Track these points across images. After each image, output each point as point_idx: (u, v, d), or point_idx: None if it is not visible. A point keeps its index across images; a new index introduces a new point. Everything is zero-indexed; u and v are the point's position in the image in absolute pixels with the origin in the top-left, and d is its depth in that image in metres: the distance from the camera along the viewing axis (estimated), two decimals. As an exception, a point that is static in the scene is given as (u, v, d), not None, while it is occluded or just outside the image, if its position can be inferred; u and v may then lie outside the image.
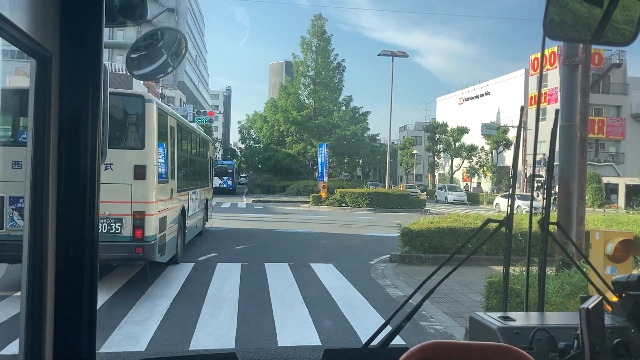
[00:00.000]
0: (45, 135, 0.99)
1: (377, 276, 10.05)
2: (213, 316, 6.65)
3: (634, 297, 1.52)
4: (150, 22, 50.06)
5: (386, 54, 37.28)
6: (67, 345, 1.03)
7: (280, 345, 5.62)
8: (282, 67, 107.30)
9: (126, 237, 7.87)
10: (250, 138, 57.77)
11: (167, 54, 1.68)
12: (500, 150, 51.10)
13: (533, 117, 1.94)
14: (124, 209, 7.85)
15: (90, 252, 1.04)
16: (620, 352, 1.46)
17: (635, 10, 1.39)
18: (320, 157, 36.59)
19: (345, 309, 7.26)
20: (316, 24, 49.11)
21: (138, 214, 7.92)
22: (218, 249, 12.42)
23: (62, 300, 1.03)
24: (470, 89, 62.88)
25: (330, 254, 12.50)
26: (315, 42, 48.96)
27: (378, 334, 1.61)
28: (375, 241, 15.39)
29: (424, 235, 11.72)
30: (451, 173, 57.40)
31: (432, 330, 6.50)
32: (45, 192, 1.00)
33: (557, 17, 1.43)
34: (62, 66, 1.01)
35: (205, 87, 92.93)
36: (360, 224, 20.96)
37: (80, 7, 1.02)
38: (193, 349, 5.44)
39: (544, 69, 40.11)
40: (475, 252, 3.59)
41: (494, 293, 6.22)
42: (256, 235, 15.74)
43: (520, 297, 5.31)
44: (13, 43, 0.92)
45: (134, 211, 7.89)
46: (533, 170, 3.42)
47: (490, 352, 0.97)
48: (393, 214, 26.56)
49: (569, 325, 1.55)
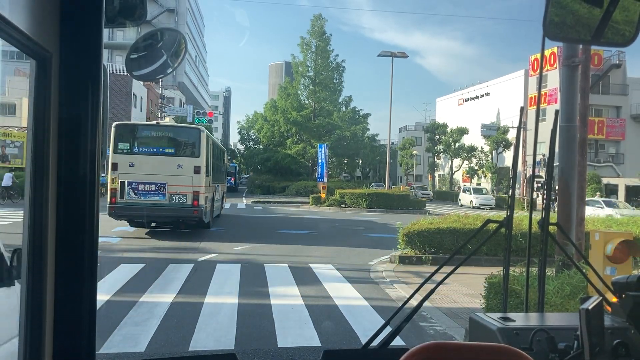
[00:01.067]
0: (45, 136, 0.99)
1: (377, 277, 10.05)
2: (213, 317, 6.65)
3: (634, 297, 1.52)
4: (149, 22, 50.09)
5: (386, 55, 37.30)
6: (67, 346, 1.03)
7: (280, 346, 5.62)
8: (282, 68, 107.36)
9: (188, 205, 14.25)
10: (249, 139, 57.76)
11: (166, 55, 1.68)
12: (500, 151, 51.10)
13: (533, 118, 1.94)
14: (188, 190, 14.22)
15: (90, 253, 1.04)
16: (620, 352, 1.46)
17: (634, 11, 1.39)
18: (320, 158, 36.59)
19: (345, 309, 7.26)
20: (316, 24, 49.11)
21: (195, 192, 14.26)
22: (217, 250, 12.42)
23: (61, 300, 1.03)
24: (470, 89, 62.89)
25: (329, 255, 12.51)
26: (315, 43, 48.94)
27: (378, 334, 1.61)
28: (375, 241, 15.40)
29: (424, 236, 11.72)
30: (451, 174, 57.40)
31: (432, 331, 6.50)
32: (45, 192, 1.00)
33: (556, 18, 1.43)
34: (62, 67, 1.01)
35: (205, 88, 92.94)
36: (360, 225, 20.97)
37: (80, 8, 1.02)
38: (193, 349, 5.44)
39: (543, 70, 40.10)
40: (475, 253, 3.59)
41: (493, 294, 6.22)
42: (255, 236, 15.74)
43: (520, 297, 5.31)
44: (13, 44, 0.92)
45: (193, 191, 14.23)
46: (533, 171, 3.41)
47: (490, 352, 0.97)
48: (393, 215, 26.57)
49: (568, 326, 1.55)
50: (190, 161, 14.41)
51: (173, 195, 14.10)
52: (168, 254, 11.66)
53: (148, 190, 14.15)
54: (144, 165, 14.12)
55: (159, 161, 14.32)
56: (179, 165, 14.27)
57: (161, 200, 14.12)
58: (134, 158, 14.17)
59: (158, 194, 14.13)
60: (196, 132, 15.00)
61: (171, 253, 11.88)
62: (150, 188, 14.14)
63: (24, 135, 30.66)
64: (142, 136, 14.85)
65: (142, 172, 14.11)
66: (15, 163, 31.81)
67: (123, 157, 14.09)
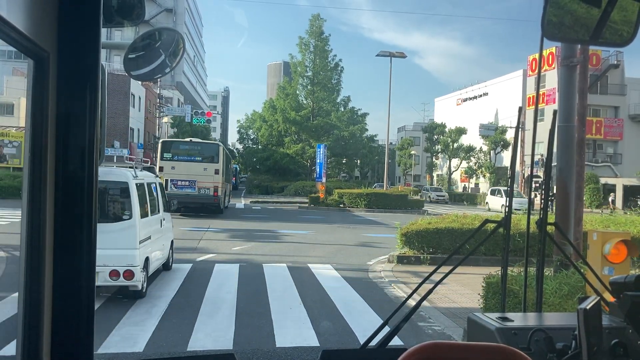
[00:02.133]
0: (42, 136, 0.99)
1: (375, 277, 10.06)
2: (211, 317, 6.65)
3: (632, 297, 1.52)
4: (148, 22, 50.00)
5: (384, 55, 37.30)
6: (65, 346, 1.03)
7: (279, 346, 5.62)
8: (281, 68, 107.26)
9: (211, 195, 20.95)
10: (248, 138, 57.73)
11: (165, 55, 1.68)
12: (498, 151, 51.14)
13: (531, 118, 1.95)
14: (210, 185, 20.89)
15: (88, 253, 1.04)
16: (617, 352, 1.46)
17: (632, 11, 1.39)
18: (319, 158, 36.54)
19: (344, 309, 7.26)
20: (314, 24, 49.07)
21: (215, 186, 20.98)
22: (216, 250, 12.42)
23: (59, 301, 1.02)
24: (468, 89, 62.93)
25: (328, 255, 12.51)
26: (314, 43, 48.90)
27: (376, 334, 1.61)
28: (373, 242, 15.41)
29: (422, 236, 11.73)
30: (449, 174, 57.43)
31: (430, 330, 6.50)
32: (42, 193, 1.00)
33: (555, 18, 1.43)
34: (60, 66, 1.01)
35: (203, 88, 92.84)
36: (359, 225, 20.97)
37: (78, 7, 1.02)
38: (191, 349, 5.43)
39: (542, 70, 40.20)
40: (473, 253, 3.60)
41: (492, 294, 6.22)
42: (254, 236, 15.74)
43: (518, 297, 5.32)
44: (10, 43, 0.91)
45: (214, 185, 20.92)
46: (531, 171, 3.43)
47: (489, 352, 0.97)
48: (391, 215, 26.58)
49: (566, 325, 1.55)
50: (212, 166, 21.58)
51: (200, 188, 21.08)
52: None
53: (184, 185, 20.93)
54: (181, 168, 20.96)
55: (191, 166, 21.20)
56: (205, 169, 21.34)
57: (192, 192, 20.93)
58: (174, 163, 21.11)
59: (190, 187, 20.90)
60: (216, 147, 23.08)
61: (169, 253, 11.86)
62: (185, 184, 20.90)
63: (21, 135, 30.63)
64: (179, 149, 22.00)
65: (179, 173, 20.95)
66: (13, 163, 31.78)
67: (166, 163, 21.08)
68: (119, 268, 6.98)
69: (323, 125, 48.63)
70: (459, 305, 7.77)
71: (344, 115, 50.42)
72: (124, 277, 7.01)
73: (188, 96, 68.02)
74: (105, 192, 7.53)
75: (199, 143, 23.54)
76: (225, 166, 23.49)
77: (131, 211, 7.42)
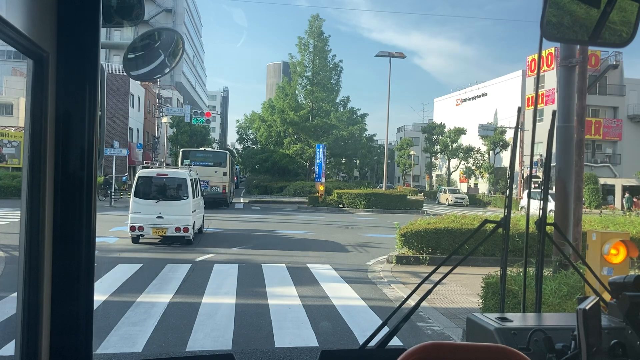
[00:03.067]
0: (42, 136, 0.99)
1: (375, 277, 10.05)
2: (210, 317, 6.64)
3: (631, 297, 1.52)
4: (147, 22, 50.01)
5: (384, 55, 37.32)
6: (64, 347, 1.03)
7: (278, 346, 5.62)
8: (280, 68, 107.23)
9: (220, 192, 27.52)
10: (247, 139, 57.69)
11: (164, 55, 1.67)
12: (497, 152, 51.15)
13: (530, 118, 1.95)
14: (220, 184, 27.46)
15: (87, 253, 1.04)
16: (616, 352, 1.46)
17: (631, 12, 1.40)
18: (318, 158, 36.52)
19: (343, 310, 7.25)
20: (313, 24, 49.04)
21: (224, 186, 27.70)
22: (215, 250, 12.41)
23: (58, 301, 1.02)
24: (467, 90, 62.94)
25: (327, 255, 12.50)
26: (313, 43, 48.87)
27: (375, 335, 1.61)
28: (372, 242, 15.40)
29: (421, 236, 11.72)
30: (448, 174, 57.43)
31: (430, 331, 6.50)
32: (41, 192, 0.99)
33: (554, 19, 1.43)
34: (59, 66, 1.01)
35: (202, 88, 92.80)
36: (358, 225, 20.97)
37: (78, 8, 1.02)
38: (190, 350, 5.43)
39: (541, 70, 40.17)
40: (472, 253, 3.60)
41: (491, 294, 6.22)
42: (253, 236, 15.73)
43: (517, 298, 5.32)
44: (10, 43, 0.91)
45: (222, 185, 27.60)
46: (530, 172, 3.43)
47: (488, 353, 0.97)
48: (390, 215, 26.58)
49: (566, 326, 1.56)
50: (221, 169, 27.70)
51: (212, 187, 26.81)
52: (165, 254, 11.65)
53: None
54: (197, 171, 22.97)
55: (205, 169, 25.69)
56: (215, 171, 27.30)
57: (206, 189, 24.32)
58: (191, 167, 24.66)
59: (204, 186, 22.57)
60: (224, 154, 29.54)
61: (168, 253, 11.87)
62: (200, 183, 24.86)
63: (21, 135, 30.60)
64: (196, 156, 28.21)
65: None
66: (12, 163, 31.74)
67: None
68: (181, 226, 12.53)
69: (322, 126, 48.58)
70: (458, 306, 7.77)
71: (343, 116, 50.40)
72: (183, 231, 12.59)
73: (187, 96, 67.98)
74: (174, 182, 13.13)
75: (211, 151, 31.50)
76: (231, 169, 29.81)
77: (187, 194, 12.93)
